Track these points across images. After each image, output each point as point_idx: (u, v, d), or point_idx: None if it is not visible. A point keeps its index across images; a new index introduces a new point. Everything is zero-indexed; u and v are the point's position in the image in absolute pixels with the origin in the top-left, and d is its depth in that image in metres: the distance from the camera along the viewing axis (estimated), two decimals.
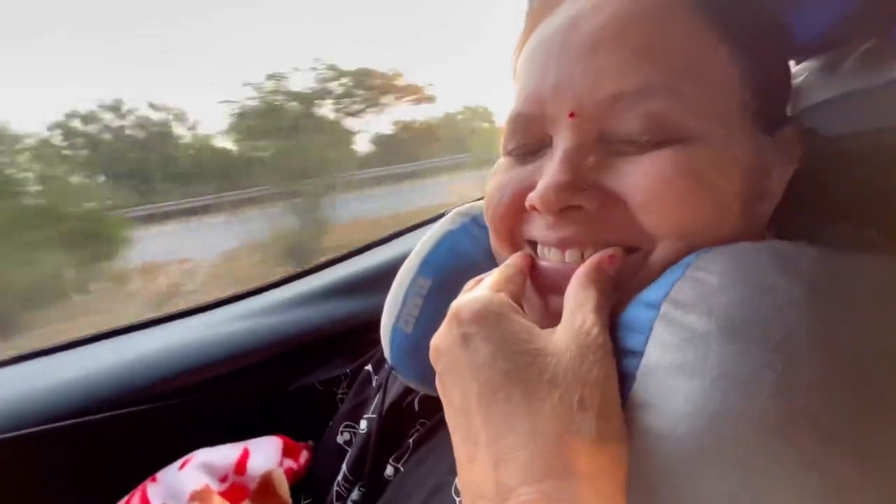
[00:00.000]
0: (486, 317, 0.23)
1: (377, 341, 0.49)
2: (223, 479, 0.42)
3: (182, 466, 0.42)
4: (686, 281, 0.22)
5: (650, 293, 0.23)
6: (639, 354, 0.21)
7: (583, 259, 0.27)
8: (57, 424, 0.45)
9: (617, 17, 0.26)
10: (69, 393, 0.48)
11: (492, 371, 0.22)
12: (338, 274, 0.60)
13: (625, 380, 0.21)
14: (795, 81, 0.54)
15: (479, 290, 0.26)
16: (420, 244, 0.39)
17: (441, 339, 0.25)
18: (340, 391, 0.53)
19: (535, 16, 0.31)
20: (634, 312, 0.23)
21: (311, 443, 0.50)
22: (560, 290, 0.26)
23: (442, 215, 0.42)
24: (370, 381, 0.49)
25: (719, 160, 0.25)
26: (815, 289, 0.20)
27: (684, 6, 0.27)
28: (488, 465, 0.21)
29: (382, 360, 0.48)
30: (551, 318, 0.26)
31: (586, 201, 0.26)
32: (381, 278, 0.60)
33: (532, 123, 0.29)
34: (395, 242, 0.67)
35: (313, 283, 0.59)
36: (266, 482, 0.43)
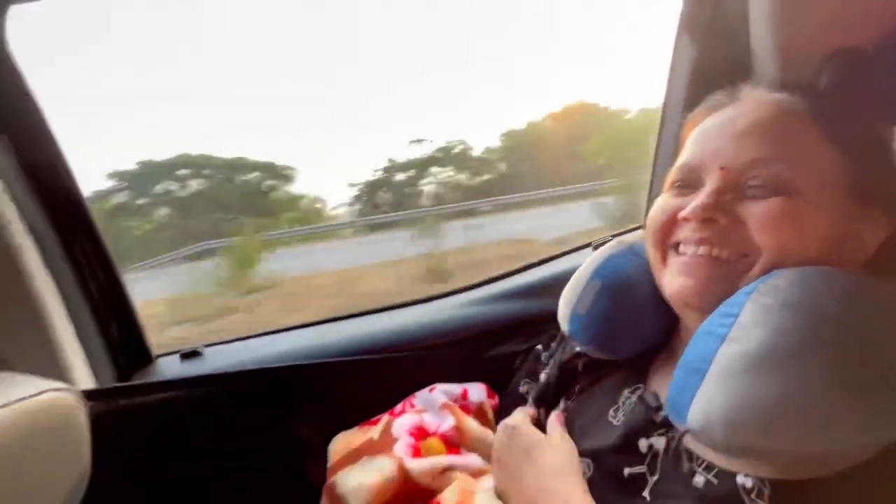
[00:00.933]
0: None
1: (544, 330, 0.73)
2: (455, 401, 0.69)
3: (430, 390, 0.70)
4: (769, 280, 0.39)
5: (749, 287, 0.39)
6: (734, 315, 0.38)
7: (710, 256, 0.43)
8: (351, 357, 0.78)
9: (758, 119, 0.44)
10: (361, 343, 0.81)
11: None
12: (517, 281, 0.87)
13: (724, 328, 0.38)
14: None
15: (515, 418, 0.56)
16: (590, 259, 0.58)
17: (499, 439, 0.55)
18: (516, 361, 0.77)
19: (707, 111, 0.50)
20: (735, 298, 0.39)
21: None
22: (688, 274, 0.44)
23: (588, 244, 0.63)
24: (539, 356, 0.72)
25: (810, 212, 0.41)
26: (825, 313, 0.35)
27: (801, 117, 0.44)
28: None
29: (549, 341, 0.70)
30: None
31: (720, 218, 0.43)
32: (546, 287, 0.84)
33: (692, 171, 0.46)
34: (551, 263, 0.91)
35: (501, 286, 0.87)
36: (480, 407, 0.69)
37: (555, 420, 0.56)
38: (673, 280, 0.46)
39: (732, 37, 0.67)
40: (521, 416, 0.58)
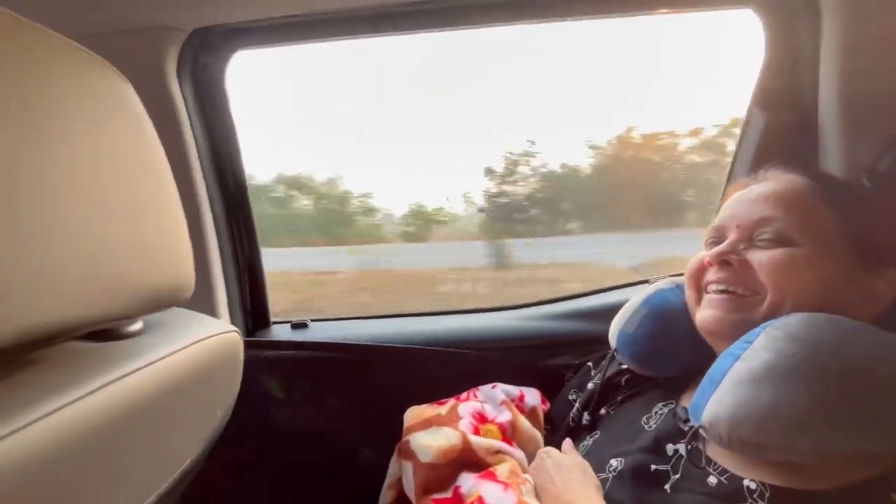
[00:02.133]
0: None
1: (594, 350, 0.83)
2: (512, 401, 0.80)
3: (493, 387, 0.82)
4: (784, 318, 0.47)
5: (768, 322, 0.48)
6: (750, 342, 0.47)
7: (727, 292, 0.54)
8: (425, 347, 0.93)
9: (772, 189, 0.57)
10: (434, 337, 0.97)
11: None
12: (574, 304, 0.98)
13: (741, 350, 0.47)
14: None
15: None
16: (644, 291, 0.69)
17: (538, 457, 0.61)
18: (568, 374, 0.88)
19: (738, 186, 0.62)
20: (755, 330, 0.48)
21: None
22: (713, 307, 0.55)
23: (645, 281, 0.74)
24: (590, 371, 0.82)
25: (808, 261, 0.51)
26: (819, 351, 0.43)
27: (809, 192, 0.55)
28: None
29: (599, 360, 0.80)
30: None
31: (733, 261, 0.54)
32: (599, 313, 0.94)
33: (719, 230, 0.59)
34: (608, 293, 1.02)
35: (560, 307, 0.99)
36: (533, 410, 0.78)
37: (568, 445, 0.65)
38: (703, 313, 0.57)
39: (802, 114, 0.75)
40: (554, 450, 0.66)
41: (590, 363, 0.83)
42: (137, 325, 0.50)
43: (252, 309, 1.05)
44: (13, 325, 0.29)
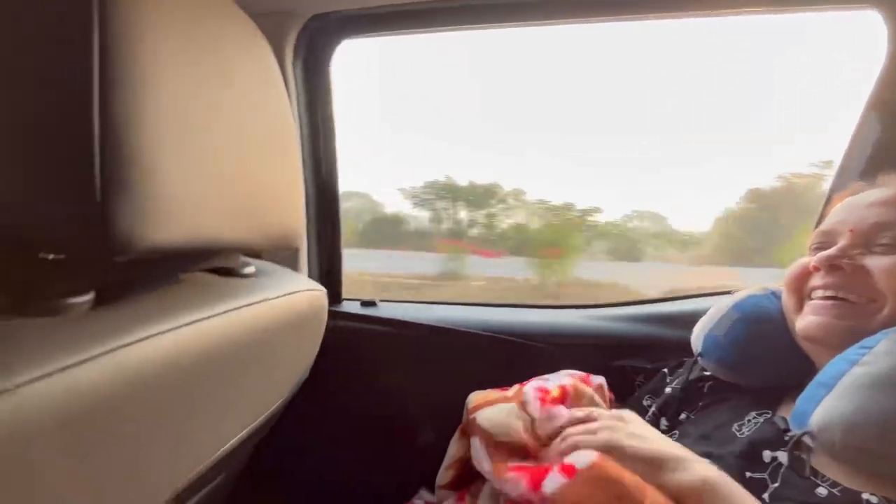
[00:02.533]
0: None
1: (668, 356, 0.81)
2: (581, 380, 0.76)
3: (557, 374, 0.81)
4: None
5: (890, 329, 0.46)
6: (870, 347, 0.44)
7: (836, 299, 0.51)
8: (492, 334, 0.94)
9: (886, 194, 0.55)
10: (501, 326, 0.98)
11: None
12: (651, 309, 0.96)
13: (859, 356, 0.44)
14: None
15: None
16: (734, 296, 0.66)
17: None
18: (639, 378, 0.85)
19: (847, 192, 0.60)
20: (875, 336, 0.46)
21: None
22: (817, 313, 0.53)
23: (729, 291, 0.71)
24: (665, 378, 0.79)
25: None
26: None
27: None
28: None
29: (676, 367, 0.77)
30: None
31: (845, 265, 0.51)
32: (676, 319, 0.91)
33: (827, 235, 0.56)
34: (688, 300, 0.98)
35: (636, 309, 0.97)
36: (600, 387, 0.72)
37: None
38: (805, 319, 0.54)
39: None
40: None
41: (665, 369, 0.80)
42: (251, 269, 0.55)
43: (329, 284, 1.12)
44: (184, 232, 0.33)
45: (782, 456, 0.48)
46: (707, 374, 0.67)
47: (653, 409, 0.71)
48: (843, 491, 0.43)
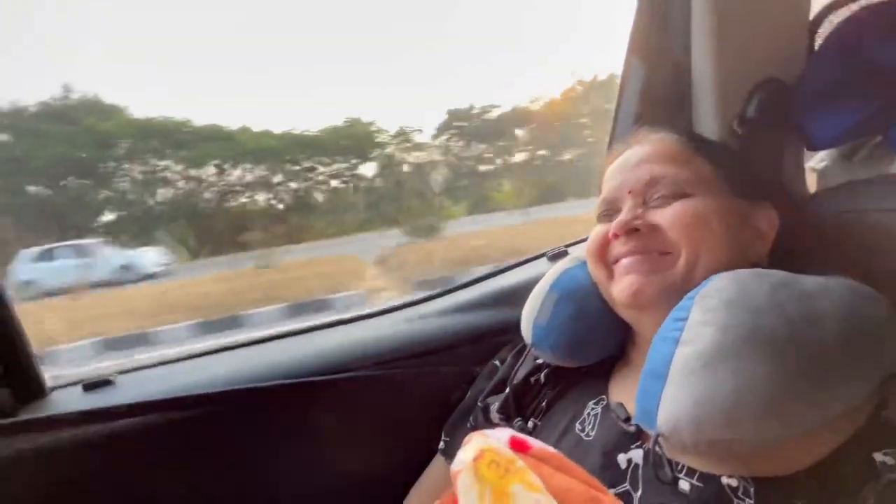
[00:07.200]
0: None
1: (502, 343, 0.72)
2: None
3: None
4: (710, 282, 0.43)
5: (693, 291, 0.44)
6: (684, 319, 0.42)
7: (643, 257, 0.51)
8: (290, 381, 0.71)
9: (648, 151, 0.56)
10: (301, 364, 0.75)
11: None
12: (469, 294, 0.85)
13: (677, 331, 0.42)
14: (820, 164, 0.72)
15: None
16: (548, 275, 0.63)
17: None
18: (477, 377, 0.75)
19: (613, 156, 0.60)
20: (683, 303, 0.44)
21: None
22: (630, 271, 0.51)
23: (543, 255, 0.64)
24: (497, 370, 0.70)
25: (704, 205, 0.51)
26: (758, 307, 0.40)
27: (687, 148, 0.56)
28: None
29: (506, 355, 0.69)
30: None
31: (640, 225, 0.51)
32: (500, 298, 0.83)
33: (610, 202, 0.56)
34: (506, 274, 0.91)
35: (453, 299, 0.84)
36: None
37: None
38: (619, 285, 0.52)
39: (677, 64, 0.72)
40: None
41: (496, 361, 0.71)
42: None
43: (13, 377, 0.70)
44: None
45: (636, 455, 0.47)
46: (540, 361, 0.64)
47: (493, 410, 0.64)
48: (703, 479, 0.42)
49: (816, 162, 0.72)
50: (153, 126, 11.31)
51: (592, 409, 0.55)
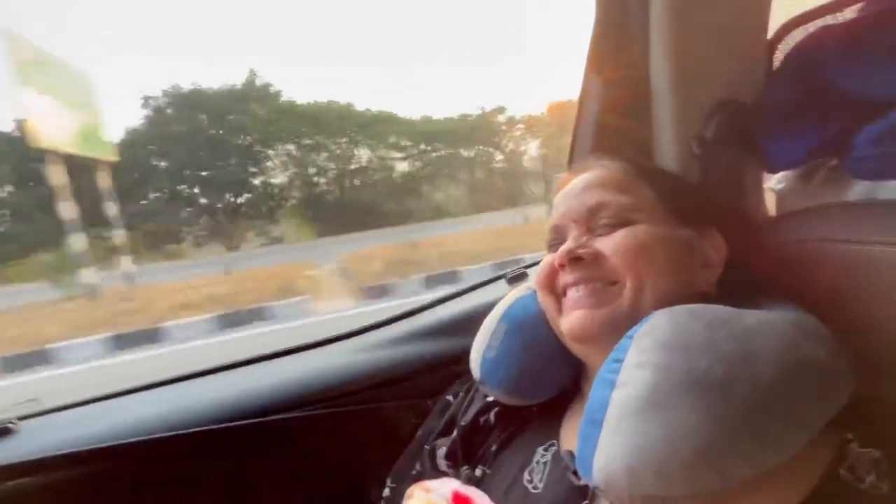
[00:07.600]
0: None
1: (457, 373, 0.67)
2: None
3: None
4: (648, 320, 0.41)
5: (632, 330, 0.42)
6: (621, 360, 0.40)
7: (588, 289, 0.49)
8: (218, 426, 0.64)
9: (591, 179, 0.55)
10: (233, 406, 0.67)
11: None
12: (424, 319, 0.79)
13: (614, 373, 0.40)
14: (778, 186, 0.70)
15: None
16: (501, 304, 0.59)
17: None
18: (428, 413, 0.69)
19: (563, 183, 0.58)
20: (621, 343, 0.42)
21: None
22: (577, 306, 0.49)
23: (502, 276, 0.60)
24: (449, 407, 0.66)
25: (649, 233, 0.49)
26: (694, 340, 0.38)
27: (631, 175, 0.54)
28: None
29: (458, 389, 0.65)
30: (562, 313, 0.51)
31: (584, 254, 0.50)
32: (456, 325, 0.78)
33: (558, 230, 0.55)
34: (463, 298, 0.86)
35: (406, 326, 0.79)
36: None
37: None
38: (568, 318, 0.50)
39: (636, 82, 0.69)
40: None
41: (448, 396, 0.67)
42: None
43: None
44: None
45: None
46: (491, 399, 0.59)
47: (441, 455, 0.59)
48: None
49: (775, 184, 0.70)
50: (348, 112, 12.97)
51: (542, 455, 0.51)
